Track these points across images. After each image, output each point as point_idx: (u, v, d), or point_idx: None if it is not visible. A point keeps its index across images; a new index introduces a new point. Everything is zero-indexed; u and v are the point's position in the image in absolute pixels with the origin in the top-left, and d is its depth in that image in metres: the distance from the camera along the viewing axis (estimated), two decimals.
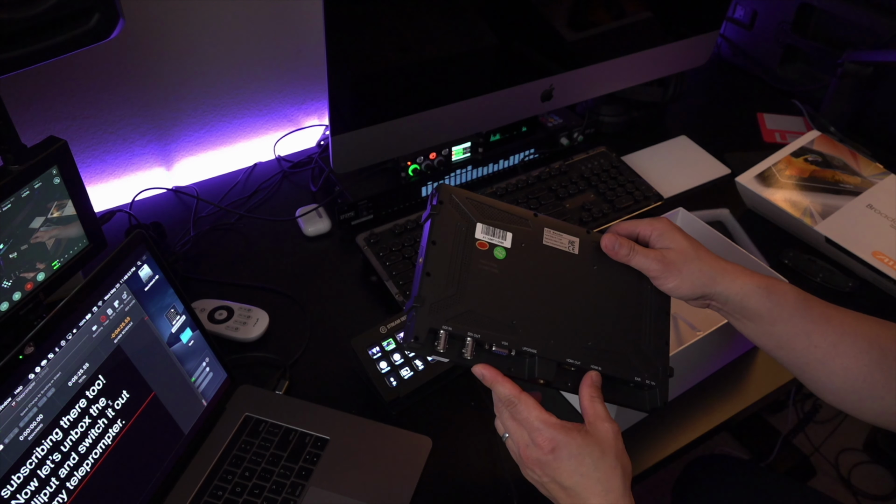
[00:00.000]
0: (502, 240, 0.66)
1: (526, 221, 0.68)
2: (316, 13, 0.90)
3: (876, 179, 1.13)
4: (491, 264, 0.65)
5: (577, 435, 0.60)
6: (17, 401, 0.62)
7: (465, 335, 0.61)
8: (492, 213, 0.67)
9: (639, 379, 0.66)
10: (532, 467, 0.62)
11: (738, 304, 0.67)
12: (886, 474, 1.70)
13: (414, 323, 0.61)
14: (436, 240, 0.64)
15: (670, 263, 0.67)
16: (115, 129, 1.15)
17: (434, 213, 0.65)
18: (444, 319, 0.61)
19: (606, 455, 0.60)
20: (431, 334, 0.61)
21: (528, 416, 0.61)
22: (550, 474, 0.61)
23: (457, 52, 1.03)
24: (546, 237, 0.69)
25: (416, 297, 0.61)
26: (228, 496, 0.77)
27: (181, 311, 0.80)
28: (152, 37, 1.10)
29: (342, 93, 0.94)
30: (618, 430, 0.62)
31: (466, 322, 0.62)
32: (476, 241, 0.65)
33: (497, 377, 0.62)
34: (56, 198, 0.81)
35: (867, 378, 0.65)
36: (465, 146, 1.16)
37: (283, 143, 1.31)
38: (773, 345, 0.68)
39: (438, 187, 0.67)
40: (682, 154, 1.31)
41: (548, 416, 0.61)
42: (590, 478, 0.59)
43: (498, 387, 0.62)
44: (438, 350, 0.61)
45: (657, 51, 1.25)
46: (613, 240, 0.69)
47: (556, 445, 0.60)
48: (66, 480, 0.66)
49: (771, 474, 1.04)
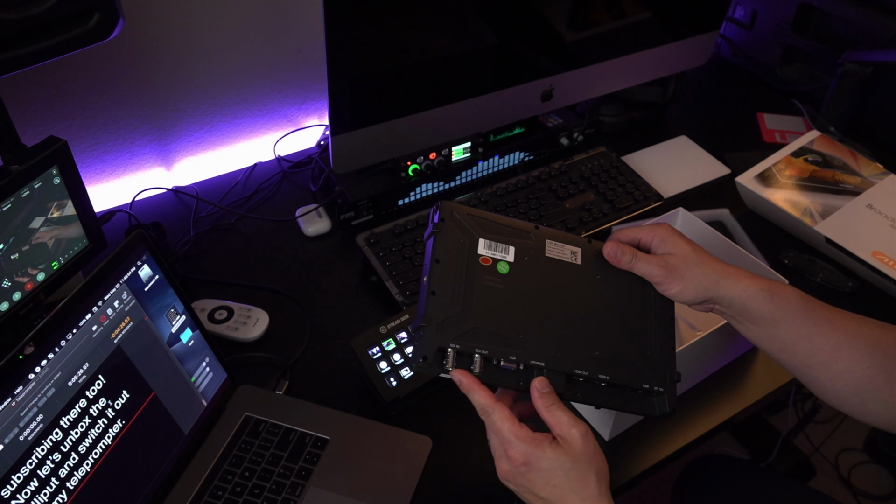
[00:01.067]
0: (505, 254, 0.67)
1: (528, 234, 0.69)
2: (316, 13, 0.90)
3: (876, 179, 1.13)
4: (495, 279, 0.65)
5: (547, 448, 0.60)
6: (17, 401, 0.62)
7: (473, 352, 0.62)
8: (493, 228, 0.67)
9: (647, 386, 0.66)
10: (506, 477, 0.63)
11: (741, 307, 0.67)
12: (886, 474, 1.70)
13: (422, 343, 0.61)
14: (439, 258, 0.64)
15: (673, 269, 0.67)
16: (115, 129, 1.15)
17: (436, 230, 0.65)
18: (451, 338, 0.61)
19: (577, 462, 0.60)
20: (440, 353, 0.61)
21: (500, 427, 0.61)
22: (524, 485, 0.61)
23: (457, 52, 1.03)
24: (548, 249, 0.69)
25: (422, 316, 0.61)
26: (228, 496, 0.77)
27: (181, 311, 0.80)
28: (152, 37, 1.10)
29: (342, 93, 0.94)
30: (586, 430, 0.61)
31: (474, 339, 0.62)
32: (479, 257, 0.65)
33: (473, 385, 0.62)
34: (56, 198, 0.81)
35: (869, 381, 0.65)
36: (465, 146, 1.16)
37: (283, 143, 1.31)
38: (775, 347, 0.68)
39: (440, 205, 0.67)
40: (682, 154, 1.31)
41: (519, 429, 0.61)
42: (563, 487, 0.60)
43: (473, 395, 0.62)
44: (447, 368, 0.61)
45: (657, 51, 1.25)
46: (615, 247, 0.69)
47: (527, 459, 0.60)
48: (66, 480, 0.66)
49: (771, 474, 1.04)
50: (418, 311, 0.63)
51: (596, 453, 0.61)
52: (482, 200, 1.11)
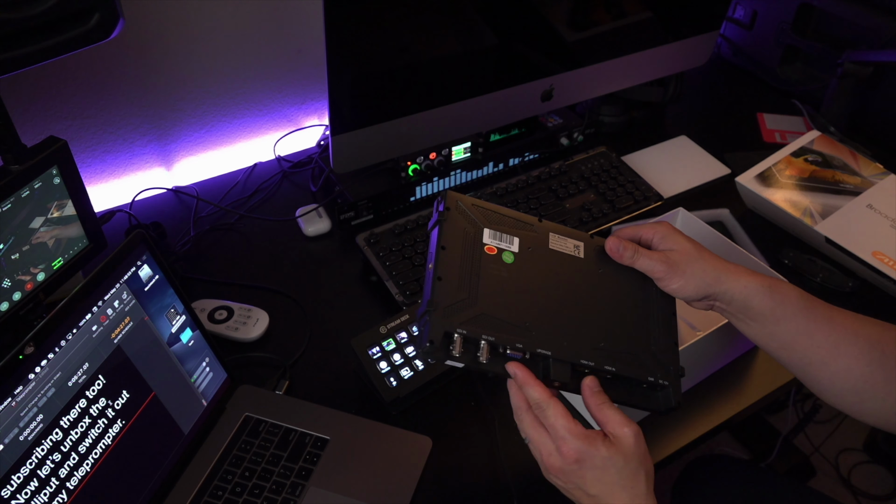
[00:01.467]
0: (510, 244, 0.67)
1: (531, 226, 0.69)
2: (316, 13, 0.90)
3: (876, 179, 1.13)
4: (500, 268, 0.65)
5: (601, 446, 0.60)
6: (17, 401, 0.62)
7: (479, 338, 0.61)
8: (498, 219, 0.68)
9: (652, 379, 0.66)
10: (556, 475, 0.62)
11: (741, 304, 0.67)
12: (886, 474, 1.70)
13: (428, 328, 0.60)
14: (445, 245, 0.64)
15: (674, 264, 0.68)
16: (115, 129, 1.15)
17: (442, 219, 0.65)
18: (458, 323, 0.61)
19: (629, 461, 0.60)
20: (446, 338, 0.61)
21: (555, 422, 0.60)
22: (575, 482, 0.61)
23: (457, 52, 1.03)
24: (552, 241, 0.69)
25: (428, 301, 0.61)
26: (228, 496, 0.77)
27: (181, 311, 0.80)
28: (152, 37, 1.10)
29: (342, 93, 0.94)
30: (638, 431, 0.61)
31: (480, 325, 0.61)
32: (484, 246, 0.66)
33: (528, 378, 0.61)
34: (56, 198, 0.81)
35: (868, 379, 0.65)
36: (465, 146, 1.16)
37: (283, 143, 1.31)
38: (775, 345, 0.68)
39: (444, 193, 0.67)
40: (682, 154, 1.31)
41: (574, 426, 0.60)
42: (614, 485, 0.60)
43: (529, 389, 0.61)
44: (454, 354, 0.60)
45: (657, 51, 1.25)
46: (617, 243, 0.69)
47: (581, 457, 0.60)
48: (66, 480, 0.66)
49: (771, 474, 1.04)
50: (424, 296, 0.63)
51: (647, 456, 0.61)
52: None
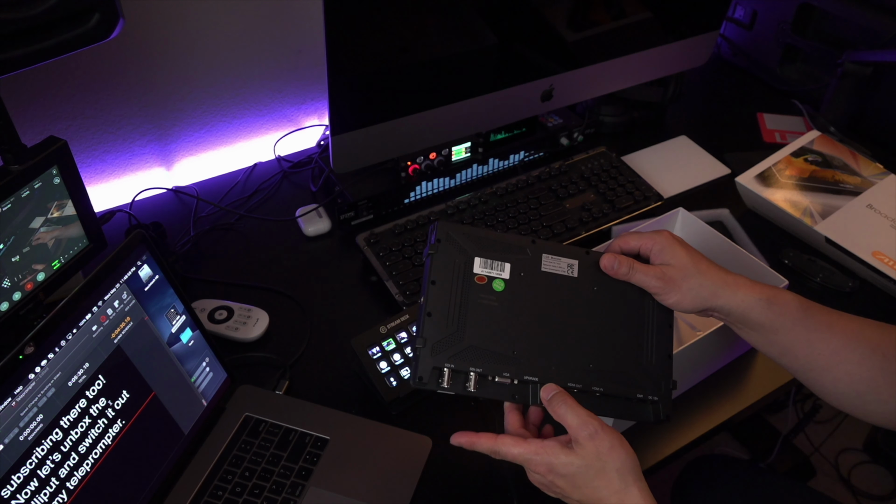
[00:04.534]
0: (500, 271, 0.68)
1: (524, 250, 0.70)
2: (316, 13, 0.90)
3: (876, 179, 1.13)
4: (490, 298, 0.67)
5: (560, 453, 0.62)
6: (17, 401, 0.62)
7: (467, 371, 0.64)
8: (489, 245, 0.69)
9: (640, 395, 0.68)
10: (545, 489, 0.65)
11: (739, 316, 0.68)
12: (886, 474, 1.70)
13: (418, 363, 0.64)
14: (435, 279, 0.66)
15: (670, 280, 0.67)
16: (115, 129, 1.15)
17: (432, 252, 0.67)
18: (446, 358, 0.64)
19: (591, 463, 0.61)
20: (436, 372, 0.64)
21: (512, 453, 0.64)
22: (558, 492, 0.64)
23: (457, 52, 1.03)
24: (544, 263, 0.70)
25: (418, 337, 0.64)
26: (228, 496, 0.77)
27: (181, 311, 0.80)
28: (152, 37, 1.10)
29: (342, 93, 0.94)
30: (593, 430, 0.61)
31: (468, 358, 0.64)
32: (475, 276, 0.67)
33: (472, 440, 0.65)
34: (56, 198, 0.81)
35: (870, 383, 0.66)
36: (465, 146, 1.16)
37: (283, 143, 1.31)
38: (776, 352, 0.69)
39: (436, 225, 0.68)
40: (682, 154, 1.31)
41: (527, 445, 0.63)
42: (587, 487, 0.62)
43: (476, 447, 0.65)
44: (444, 386, 0.64)
45: (657, 51, 1.25)
46: (612, 259, 0.69)
47: (548, 468, 0.63)
48: (66, 480, 0.66)
49: (771, 474, 1.04)
50: (416, 331, 0.66)
51: (611, 449, 0.61)
52: (482, 200, 1.11)
